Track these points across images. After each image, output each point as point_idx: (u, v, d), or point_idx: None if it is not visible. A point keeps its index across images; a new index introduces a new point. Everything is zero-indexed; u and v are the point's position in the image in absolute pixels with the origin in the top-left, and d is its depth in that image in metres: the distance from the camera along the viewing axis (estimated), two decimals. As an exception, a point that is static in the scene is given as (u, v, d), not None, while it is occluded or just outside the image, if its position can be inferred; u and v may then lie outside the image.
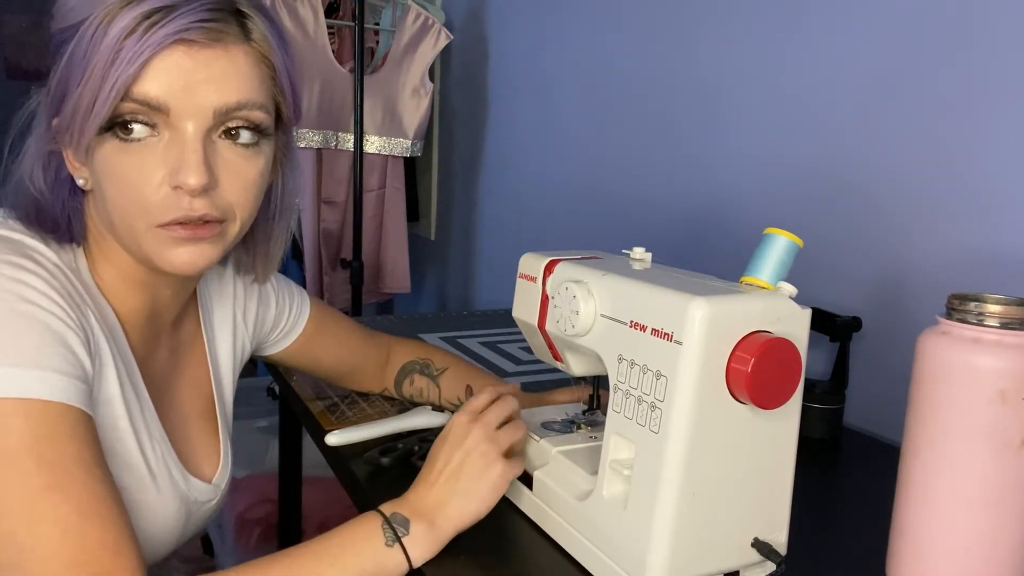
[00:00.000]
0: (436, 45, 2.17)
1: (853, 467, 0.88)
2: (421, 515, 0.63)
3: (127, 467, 0.65)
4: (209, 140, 0.61)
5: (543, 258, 0.71)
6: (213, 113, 0.60)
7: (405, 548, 0.61)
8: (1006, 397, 0.53)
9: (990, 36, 0.87)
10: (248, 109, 0.62)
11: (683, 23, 1.34)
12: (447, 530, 0.63)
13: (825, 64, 1.07)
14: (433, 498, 0.65)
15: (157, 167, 0.60)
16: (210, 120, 0.60)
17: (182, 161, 0.59)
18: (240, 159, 0.63)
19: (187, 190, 0.59)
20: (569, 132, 1.70)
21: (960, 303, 0.56)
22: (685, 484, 0.54)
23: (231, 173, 0.63)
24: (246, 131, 0.63)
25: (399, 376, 0.98)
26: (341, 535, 0.62)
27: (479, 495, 0.65)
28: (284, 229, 0.77)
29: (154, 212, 0.60)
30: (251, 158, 0.64)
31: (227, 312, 0.83)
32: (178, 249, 0.62)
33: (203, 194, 0.60)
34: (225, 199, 0.63)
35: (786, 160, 1.14)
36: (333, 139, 2.13)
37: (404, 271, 2.29)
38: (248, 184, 0.64)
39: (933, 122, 0.93)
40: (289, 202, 0.76)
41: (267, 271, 0.80)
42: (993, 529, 0.55)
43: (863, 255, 1.02)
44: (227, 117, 0.61)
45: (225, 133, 0.62)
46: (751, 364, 0.53)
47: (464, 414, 0.69)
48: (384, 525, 0.62)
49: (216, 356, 0.81)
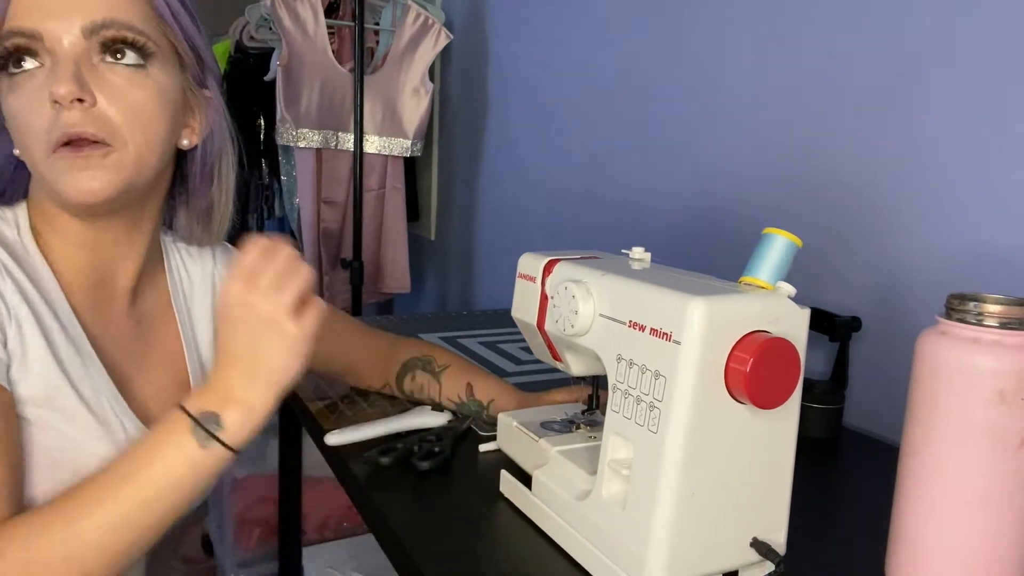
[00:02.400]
0: (436, 45, 2.17)
1: (852, 467, 0.88)
2: (232, 401, 0.62)
3: (70, 418, 0.66)
4: (88, 62, 0.64)
5: (542, 258, 0.71)
6: (81, 30, 0.63)
7: (223, 441, 0.61)
8: (1005, 397, 0.53)
9: (990, 35, 0.87)
10: (118, 28, 0.65)
11: (682, 23, 1.34)
12: (264, 407, 0.63)
13: (825, 63, 1.07)
14: (237, 380, 0.63)
15: (41, 92, 0.63)
16: (80, 38, 0.64)
17: (55, 76, 0.62)
18: (123, 80, 0.65)
19: (58, 99, 0.62)
20: (569, 131, 1.70)
21: (959, 303, 0.56)
22: (684, 484, 0.54)
23: (113, 93, 0.65)
24: (128, 50, 0.65)
25: (400, 372, 0.98)
26: (149, 450, 0.61)
27: (283, 362, 0.63)
28: (223, 194, 0.79)
29: (41, 136, 0.63)
30: (136, 80, 0.66)
31: (207, 286, 0.84)
32: (72, 175, 0.64)
33: (82, 111, 0.63)
34: (107, 118, 0.64)
35: (785, 160, 1.14)
36: (333, 139, 2.13)
37: (404, 271, 2.29)
38: (134, 106, 0.66)
39: (932, 122, 0.93)
40: (221, 166, 0.78)
41: (208, 234, 0.81)
42: (992, 529, 0.55)
43: (862, 255, 1.02)
44: (99, 36, 0.64)
45: (106, 53, 0.65)
46: (750, 364, 0.52)
47: (235, 282, 0.63)
48: (194, 427, 0.61)
49: (193, 332, 0.82)
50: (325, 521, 1.59)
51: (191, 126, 0.74)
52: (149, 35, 0.67)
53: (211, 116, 0.76)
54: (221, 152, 0.78)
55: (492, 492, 0.74)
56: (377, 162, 2.20)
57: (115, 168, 0.65)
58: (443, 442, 0.83)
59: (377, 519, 0.71)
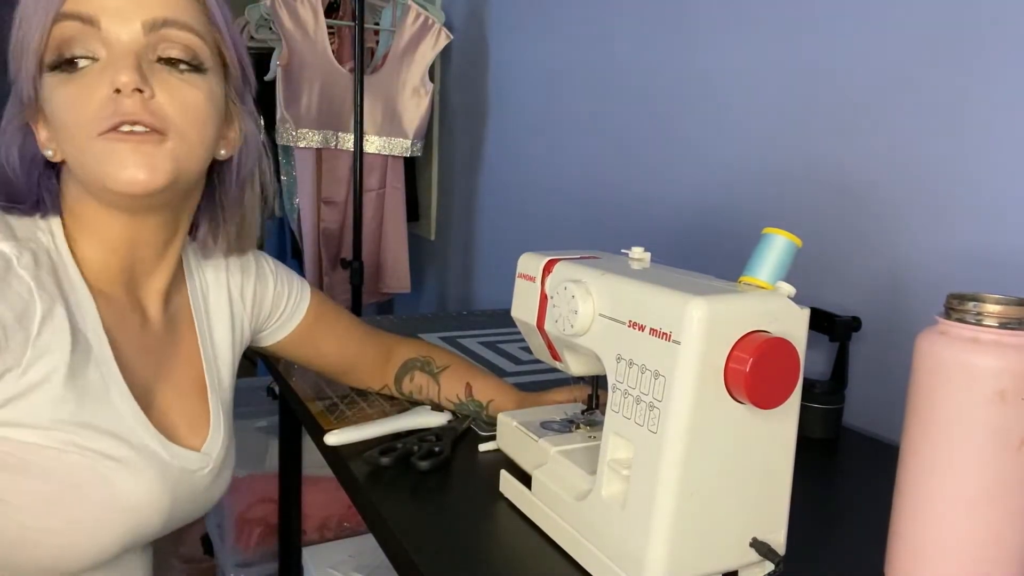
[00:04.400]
0: (436, 45, 2.17)
1: (852, 467, 0.88)
2: None
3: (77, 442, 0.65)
4: (146, 59, 0.65)
5: (542, 258, 0.71)
6: (142, 25, 0.64)
7: None
8: (1005, 397, 0.53)
9: (990, 35, 0.87)
10: (177, 28, 0.65)
11: (683, 23, 1.34)
12: None
13: (825, 63, 1.07)
14: None
15: (99, 85, 0.63)
16: (140, 33, 0.64)
17: (116, 66, 0.63)
18: (178, 80, 0.66)
19: (120, 86, 0.62)
20: (569, 132, 1.70)
21: (959, 303, 0.56)
22: (683, 484, 0.54)
23: (169, 90, 0.65)
24: (183, 62, 0.66)
25: (399, 373, 0.98)
26: None
27: None
28: (253, 204, 0.80)
29: (93, 121, 0.63)
30: (191, 82, 0.67)
31: (222, 292, 0.84)
32: (124, 161, 0.64)
33: (141, 100, 0.63)
34: (163, 109, 0.65)
35: (785, 160, 1.14)
36: (333, 139, 2.13)
37: (404, 271, 2.29)
38: (188, 104, 0.66)
39: (932, 122, 0.93)
40: (254, 178, 0.79)
41: (241, 242, 0.82)
42: (992, 529, 0.55)
43: (862, 255, 1.02)
44: (157, 34, 0.64)
45: (162, 60, 0.65)
46: (749, 364, 0.52)
47: None
48: None
49: (210, 333, 0.82)
50: (325, 521, 1.59)
51: (228, 136, 0.74)
52: (204, 38, 0.68)
53: (247, 128, 0.76)
54: (255, 164, 0.78)
55: (492, 492, 0.75)
56: (377, 162, 2.20)
57: (169, 157, 0.65)
58: (443, 442, 0.83)
59: (377, 519, 0.71)
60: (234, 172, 0.77)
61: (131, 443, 0.68)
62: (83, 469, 0.64)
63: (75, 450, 0.63)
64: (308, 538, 1.55)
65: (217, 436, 0.78)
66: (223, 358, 0.83)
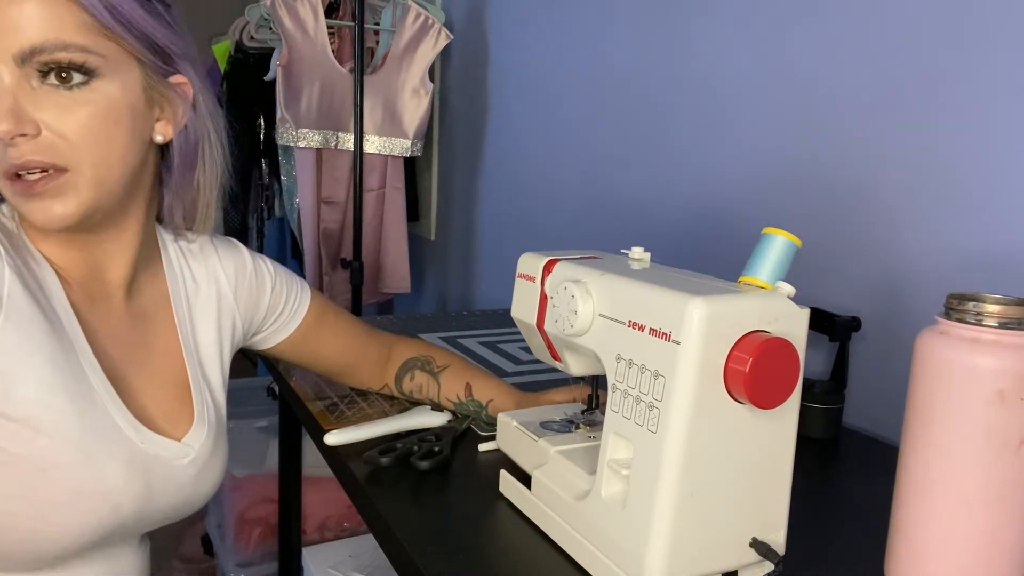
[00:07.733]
0: (436, 45, 2.17)
1: (852, 467, 0.88)
2: None
3: (55, 422, 0.65)
4: (26, 88, 0.62)
5: (542, 258, 0.71)
6: (12, 59, 0.61)
7: None
8: (1005, 397, 0.53)
9: (989, 36, 0.87)
10: (51, 51, 0.62)
11: (682, 23, 1.34)
12: None
13: (825, 64, 1.07)
14: None
15: None
16: (13, 67, 0.61)
17: None
18: (67, 100, 0.63)
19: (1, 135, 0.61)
20: (569, 132, 1.70)
21: (959, 303, 0.56)
22: (683, 484, 0.54)
23: (58, 117, 0.63)
24: (65, 72, 0.63)
25: (400, 372, 0.98)
26: None
27: None
28: (208, 182, 0.78)
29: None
30: (80, 99, 0.64)
31: (211, 288, 0.84)
32: (30, 204, 0.64)
33: (26, 142, 0.62)
34: (55, 144, 0.63)
35: (785, 160, 1.14)
36: (333, 139, 2.13)
37: (404, 271, 2.29)
38: (82, 125, 0.64)
39: (932, 122, 0.93)
40: (203, 151, 0.76)
41: (197, 224, 0.80)
42: (991, 529, 0.55)
43: (862, 255, 1.02)
44: (32, 63, 0.62)
45: (46, 76, 0.63)
46: (749, 364, 0.53)
47: None
48: None
49: (192, 327, 0.81)
50: (325, 521, 1.59)
51: (163, 119, 0.72)
52: (89, 48, 0.63)
53: (185, 102, 0.73)
54: (200, 137, 0.76)
55: (492, 492, 0.75)
56: (377, 162, 2.20)
57: (72, 190, 0.64)
58: (443, 442, 0.83)
59: (377, 519, 0.71)
60: (179, 150, 0.74)
61: (101, 421, 0.67)
62: (49, 451, 0.63)
63: (43, 434, 0.63)
64: (308, 538, 1.55)
65: (201, 429, 0.77)
66: (208, 354, 0.82)
